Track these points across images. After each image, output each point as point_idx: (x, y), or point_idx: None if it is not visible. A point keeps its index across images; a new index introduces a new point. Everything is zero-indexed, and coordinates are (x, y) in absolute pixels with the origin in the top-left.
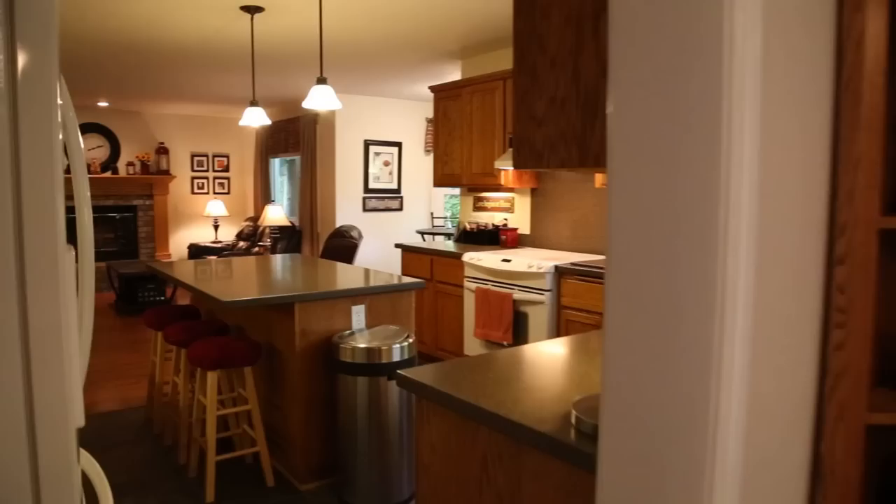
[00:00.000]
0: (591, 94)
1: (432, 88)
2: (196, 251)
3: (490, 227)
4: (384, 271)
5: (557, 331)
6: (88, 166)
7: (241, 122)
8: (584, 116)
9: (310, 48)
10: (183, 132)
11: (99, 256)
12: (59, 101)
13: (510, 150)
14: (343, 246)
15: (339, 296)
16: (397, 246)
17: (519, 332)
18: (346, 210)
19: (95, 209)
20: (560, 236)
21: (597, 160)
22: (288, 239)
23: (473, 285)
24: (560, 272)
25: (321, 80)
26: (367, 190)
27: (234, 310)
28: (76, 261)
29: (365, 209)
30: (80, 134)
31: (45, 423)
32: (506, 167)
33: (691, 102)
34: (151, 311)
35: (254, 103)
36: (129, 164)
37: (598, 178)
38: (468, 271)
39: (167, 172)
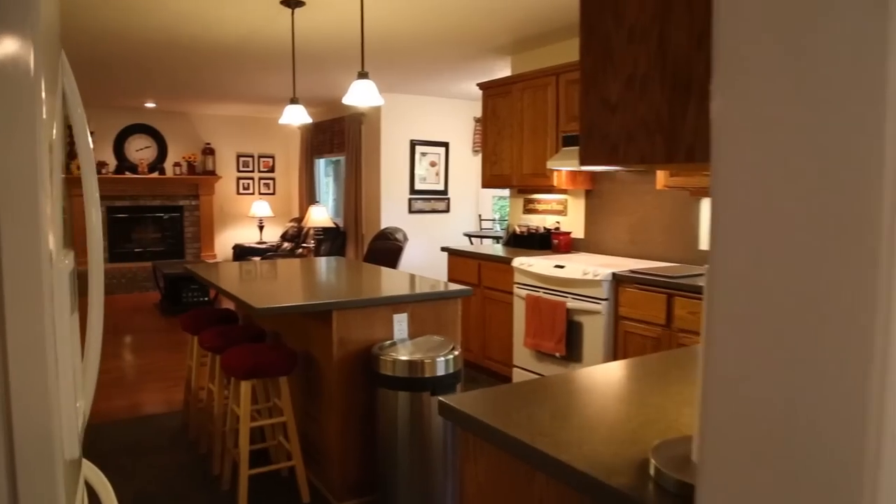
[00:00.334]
0: (681, 71)
1: (481, 85)
2: (240, 252)
3: (541, 230)
4: (429, 276)
5: (614, 343)
6: (136, 167)
7: (282, 121)
8: (673, 99)
9: (352, 44)
10: (229, 133)
11: (145, 256)
12: (44, 95)
13: (563, 149)
14: (387, 249)
15: (380, 303)
16: (443, 249)
17: (572, 343)
18: (392, 212)
19: (143, 209)
20: (617, 241)
21: (689, 153)
22: (332, 241)
23: (524, 292)
24: (618, 280)
25: (362, 75)
26: (412, 191)
27: (269, 316)
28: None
29: (411, 211)
30: (88, 133)
31: (26, 458)
32: (559, 167)
33: (839, 67)
34: (189, 313)
35: (294, 101)
36: (176, 164)
37: (660, 179)
38: (518, 277)
39: (213, 173)
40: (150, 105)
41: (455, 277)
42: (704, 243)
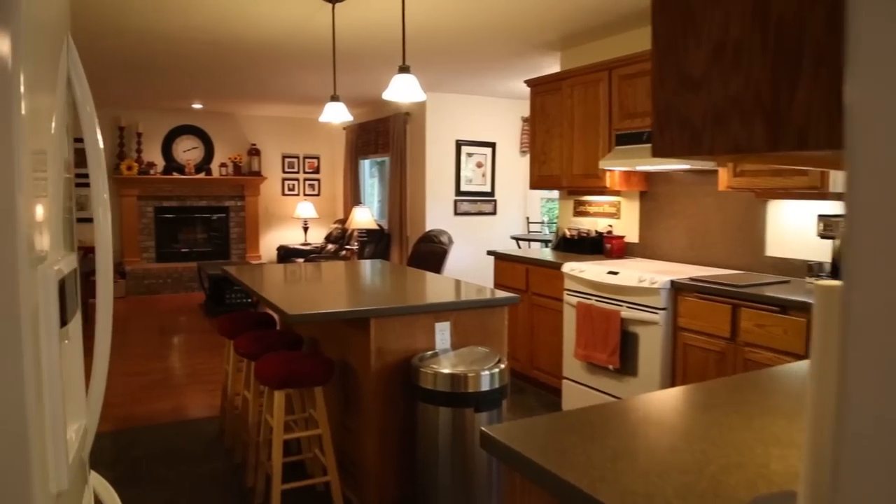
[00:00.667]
0: (788, 35)
1: (528, 82)
2: (285, 253)
3: (593, 234)
4: (474, 283)
5: (673, 356)
6: (184, 167)
7: (322, 118)
8: (777, 70)
9: (395, 41)
10: (274, 133)
11: (191, 256)
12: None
13: (616, 148)
14: (431, 252)
15: (422, 311)
16: (490, 253)
17: (627, 356)
18: (437, 213)
19: (189, 209)
20: (674, 246)
21: (801, 138)
22: (376, 243)
23: (574, 299)
24: (677, 288)
25: (403, 69)
26: (458, 193)
27: (303, 323)
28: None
29: (456, 213)
30: (97, 130)
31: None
32: (612, 167)
33: None
34: (226, 316)
35: (335, 98)
36: (222, 165)
37: (723, 179)
38: (568, 283)
39: (258, 174)
40: (197, 106)
41: (501, 283)
42: (772, 249)
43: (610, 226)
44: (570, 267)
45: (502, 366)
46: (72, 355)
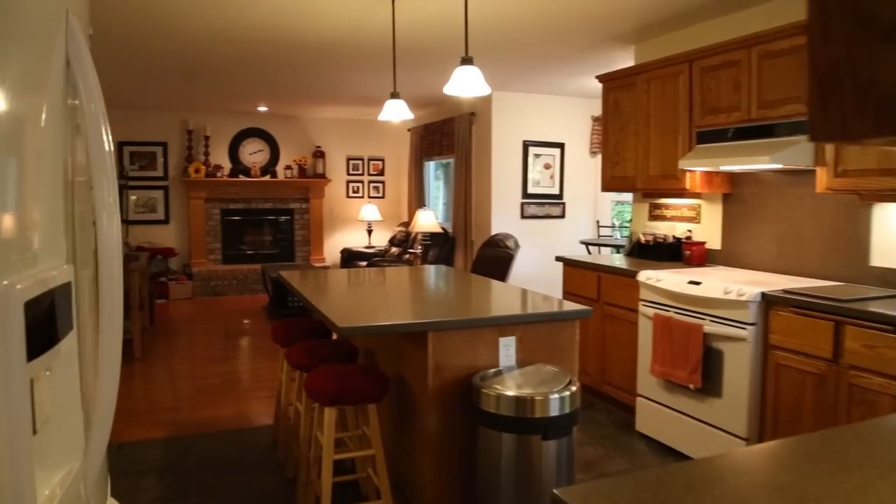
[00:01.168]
0: None
1: (601, 77)
2: (348, 256)
3: (670, 239)
4: (541, 291)
5: (763, 376)
6: (249, 170)
7: (381, 117)
8: None
9: (458, 37)
10: (339, 135)
11: (257, 258)
12: None
13: (698, 146)
14: (497, 257)
15: (484, 324)
16: (558, 259)
17: (710, 374)
18: (503, 217)
19: (255, 212)
20: (762, 253)
21: None
22: (440, 246)
23: (651, 311)
24: (768, 301)
25: (466, 61)
26: (525, 195)
27: (353, 336)
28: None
29: (523, 216)
30: (104, 130)
31: None
32: (692, 167)
33: None
34: (281, 323)
35: (395, 95)
36: (287, 167)
37: (821, 180)
38: (645, 293)
39: (323, 176)
40: (262, 109)
41: (571, 290)
42: (878, 258)
43: (689, 231)
44: (647, 275)
45: (573, 388)
46: (63, 383)
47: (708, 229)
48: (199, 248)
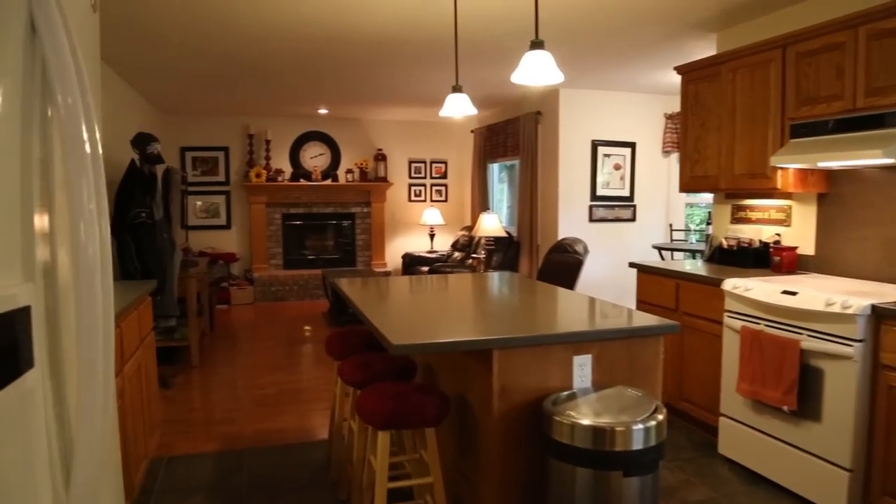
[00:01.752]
0: None
1: (679, 69)
2: (410, 261)
3: (756, 244)
4: (611, 296)
5: (871, 400)
6: (310, 174)
7: (442, 112)
8: None
9: (525, 29)
10: (400, 138)
11: (318, 263)
12: None
13: (792, 141)
14: (565, 262)
15: (556, 341)
16: (632, 265)
17: (808, 396)
18: (570, 220)
19: (316, 216)
20: (864, 260)
21: None
22: (504, 251)
23: (738, 323)
24: (879, 315)
25: (536, 45)
26: (594, 197)
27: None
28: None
29: (591, 219)
30: (83, 125)
31: None
32: (786, 164)
33: None
34: (336, 334)
35: (456, 89)
36: (349, 171)
37: None
38: (731, 304)
39: (385, 179)
40: (322, 111)
41: (645, 299)
42: None
43: (777, 235)
44: (734, 284)
45: (660, 417)
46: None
47: (799, 233)
48: (260, 253)
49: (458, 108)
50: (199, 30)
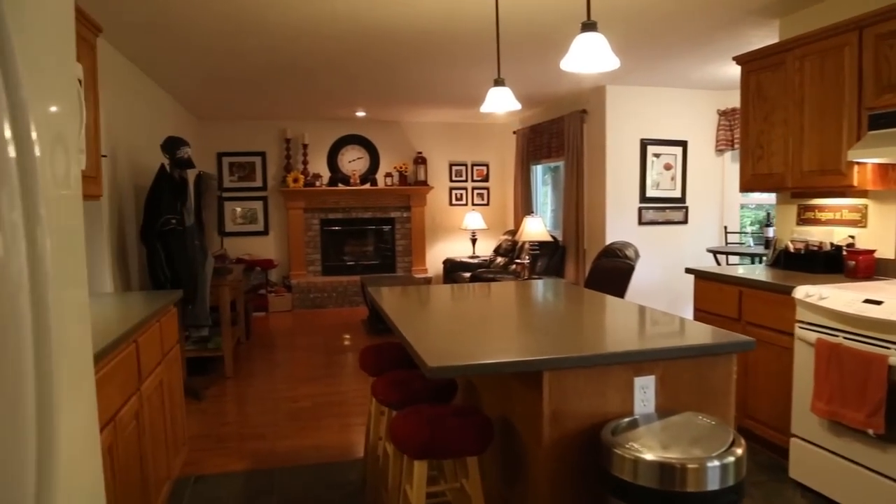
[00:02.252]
0: None
1: (739, 58)
2: (451, 267)
3: (828, 247)
4: (663, 309)
5: None
6: (349, 178)
7: (484, 108)
8: None
9: (570, 21)
10: (440, 140)
11: (357, 269)
12: None
13: (871, 133)
14: (615, 268)
15: (615, 361)
16: (689, 271)
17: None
18: (619, 223)
19: (355, 221)
20: None
21: None
22: (549, 256)
23: (812, 335)
24: None
25: (588, 26)
26: (643, 199)
27: (446, 377)
28: None
29: (641, 222)
30: (8, 124)
31: None
32: (865, 159)
33: None
34: (371, 348)
35: (498, 82)
36: (388, 175)
37: None
38: (803, 314)
39: (425, 183)
40: (360, 114)
41: (704, 308)
42: None
43: (851, 237)
44: (806, 292)
45: (738, 451)
46: None
47: (877, 234)
48: (298, 259)
49: (501, 102)
50: (229, 30)
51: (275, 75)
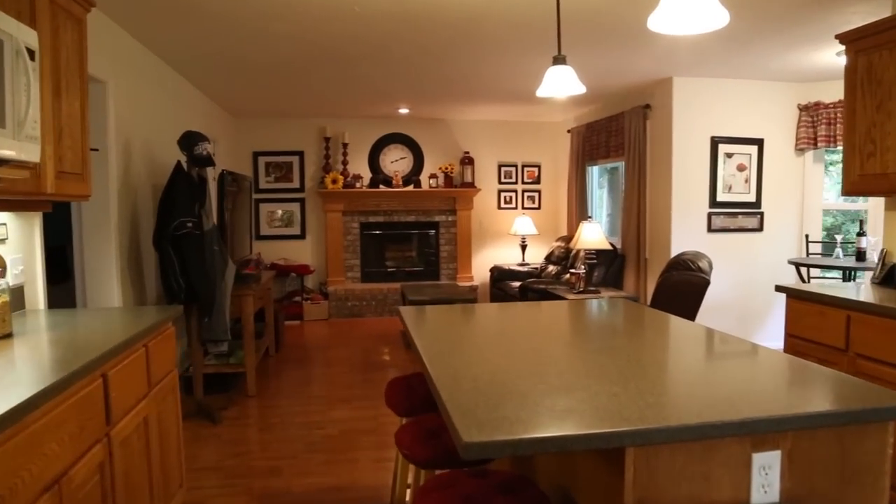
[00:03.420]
0: None
1: (843, 36)
2: (499, 275)
3: None
4: (733, 332)
5: None
6: (391, 180)
7: (540, 92)
8: None
9: (633, 5)
10: (489, 139)
11: (399, 276)
12: None
13: None
14: (688, 283)
15: (726, 432)
16: (780, 289)
17: None
18: (685, 230)
19: (396, 225)
20: None
21: None
22: (607, 266)
23: None
24: None
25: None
26: (713, 203)
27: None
28: None
29: (710, 229)
30: None
31: None
32: None
33: None
34: (399, 382)
35: (559, 59)
36: (432, 176)
37: None
38: None
39: (472, 185)
40: (403, 111)
41: (799, 333)
42: None
43: None
44: None
45: None
46: None
47: None
48: (336, 264)
49: (562, 83)
50: (251, 13)
51: (309, 63)
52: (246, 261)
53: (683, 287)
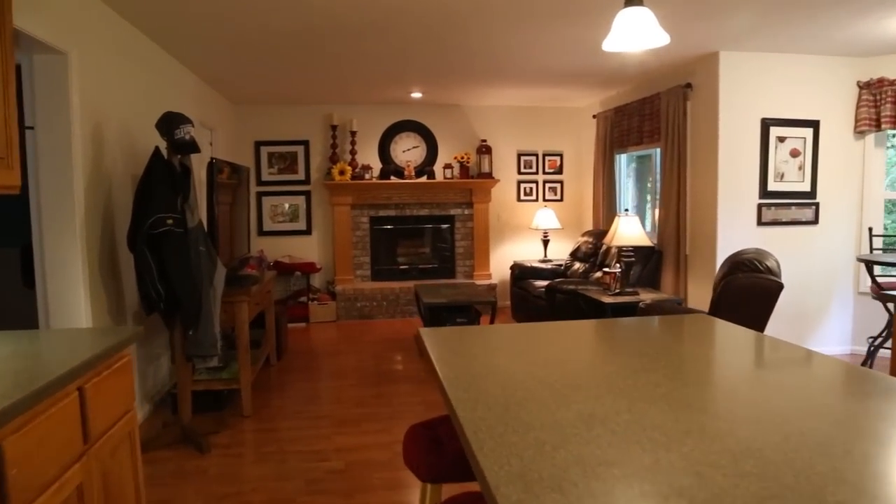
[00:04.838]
0: None
1: None
2: (520, 273)
3: None
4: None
5: None
6: (402, 170)
7: (607, 45)
8: None
9: None
10: (508, 126)
11: (411, 274)
12: None
13: None
14: (759, 288)
15: None
16: (880, 297)
17: None
18: (733, 223)
19: (409, 219)
20: None
21: None
22: (642, 264)
23: None
24: None
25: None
26: (763, 193)
27: None
28: None
29: (760, 222)
30: None
31: None
32: None
33: None
34: (418, 431)
35: (632, 1)
36: (447, 166)
37: None
38: None
39: (490, 175)
40: (416, 95)
41: None
42: None
43: None
44: None
45: None
46: None
47: None
48: (344, 262)
49: (638, 32)
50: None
51: (311, 40)
52: (246, 259)
53: (754, 291)
